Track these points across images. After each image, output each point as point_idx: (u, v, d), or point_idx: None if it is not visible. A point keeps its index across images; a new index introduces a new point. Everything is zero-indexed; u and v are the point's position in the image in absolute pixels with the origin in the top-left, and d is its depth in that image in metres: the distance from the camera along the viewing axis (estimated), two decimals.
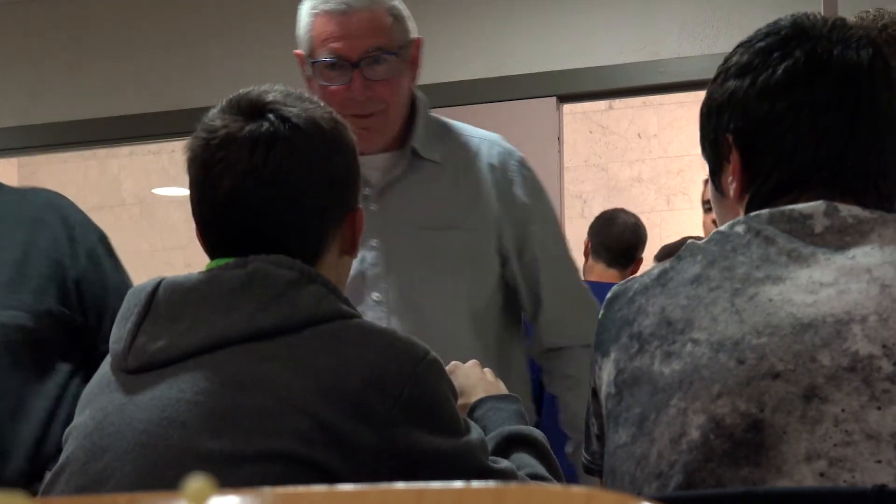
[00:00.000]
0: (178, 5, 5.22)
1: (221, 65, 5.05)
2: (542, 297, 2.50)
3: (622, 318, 1.49)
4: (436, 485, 0.74)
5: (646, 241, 4.68)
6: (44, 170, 7.29)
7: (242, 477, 1.43)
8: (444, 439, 1.53)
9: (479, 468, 1.56)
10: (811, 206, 1.46)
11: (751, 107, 1.53)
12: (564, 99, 4.93)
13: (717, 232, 1.49)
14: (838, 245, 1.43)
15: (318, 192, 1.61)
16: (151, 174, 7.27)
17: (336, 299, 1.57)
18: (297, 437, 1.46)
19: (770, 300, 1.39)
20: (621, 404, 1.45)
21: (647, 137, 6.74)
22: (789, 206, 1.47)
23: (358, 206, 1.68)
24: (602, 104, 6.68)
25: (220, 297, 1.54)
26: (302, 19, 2.45)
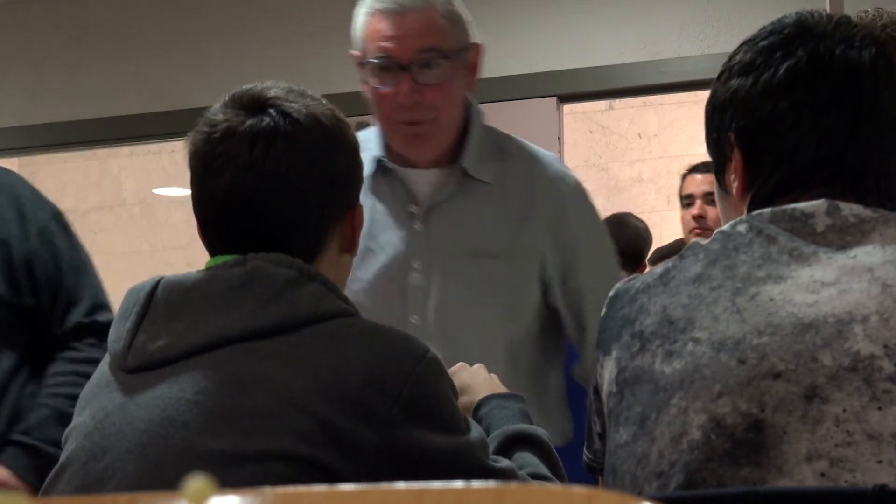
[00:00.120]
0: (178, 5, 5.22)
1: (221, 65, 5.05)
2: (587, 325, 2.45)
3: (624, 316, 1.49)
4: (436, 485, 0.74)
5: (651, 245, 4.70)
6: (44, 170, 7.29)
7: (243, 477, 1.43)
8: (444, 438, 1.53)
9: (479, 467, 1.55)
10: (813, 205, 1.46)
11: (753, 106, 1.53)
12: (564, 99, 4.93)
13: (719, 231, 1.49)
14: (840, 244, 1.43)
15: (318, 188, 1.61)
16: (151, 174, 7.27)
17: (335, 298, 1.57)
18: (298, 436, 1.46)
19: (771, 300, 1.39)
20: (622, 403, 1.45)
21: (647, 137, 6.74)
22: (791, 205, 1.47)
23: (358, 204, 1.68)
24: (602, 104, 6.68)
25: (220, 295, 1.54)
26: (357, 19, 2.36)
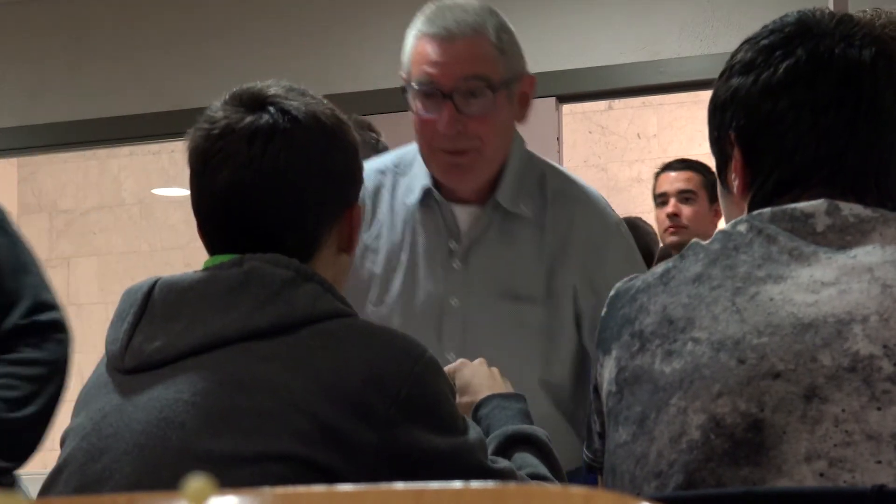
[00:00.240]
0: (178, 5, 5.22)
1: (221, 65, 5.05)
2: None
3: (624, 316, 1.49)
4: (435, 485, 0.74)
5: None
6: (44, 170, 7.29)
7: (242, 477, 1.42)
8: (442, 438, 1.53)
9: (478, 467, 1.55)
10: (813, 205, 1.46)
11: (753, 105, 1.52)
12: (564, 99, 4.93)
13: (719, 231, 1.49)
14: (840, 244, 1.43)
15: (316, 186, 1.61)
16: (151, 174, 7.27)
17: (332, 298, 1.57)
18: (298, 437, 1.46)
19: (771, 299, 1.39)
20: (622, 402, 1.45)
21: (646, 137, 6.74)
22: (791, 205, 1.47)
23: (356, 203, 1.68)
24: (602, 104, 6.68)
25: (217, 296, 1.54)
26: (406, 41, 2.30)
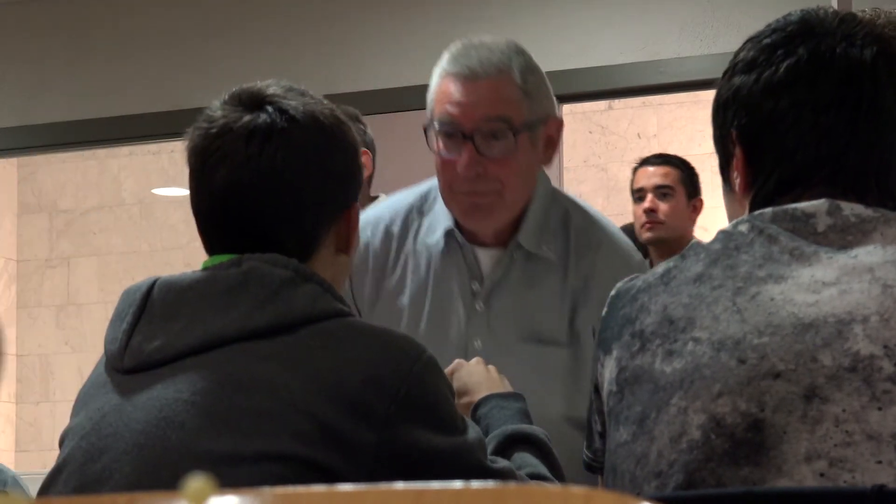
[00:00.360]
0: (178, 5, 5.21)
1: (221, 65, 5.05)
2: None
3: (624, 315, 1.49)
4: (435, 485, 0.74)
5: None
6: (44, 170, 7.28)
7: (242, 477, 1.42)
8: (442, 438, 1.53)
9: (477, 467, 1.55)
10: (814, 205, 1.46)
11: (754, 104, 1.53)
12: (564, 99, 4.92)
13: (721, 231, 1.49)
14: (841, 244, 1.43)
15: (313, 185, 1.61)
16: (151, 174, 7.26)
17: (331, 298, 1.57)
18: (298, 437, 1.46)
19: (772, 299, 1.39)
20: (622, 402, 1.45)
21: (646, 137, 6.73)
22: (792, 205, 1.47)
23: (355, 204, 1.68)
24: (602, 104, 6.67)
25: (216, 296, 1.54)
26: (431, 79, 2.26)
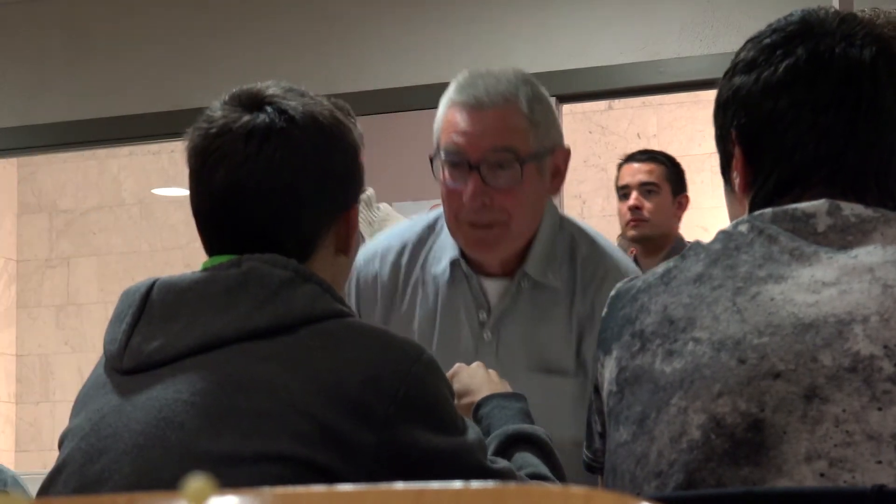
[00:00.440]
0: (178, 5, 5.21)
1: (221, 65, 5.05)
2: None
3: (625, 316, 1.49)
4: (435, 485, 0.74)
5: None
6: (44, 170, 7.28)
7: (241, 478, 1.42)
8: (442, 438, 1.53)
9: (477, 467, 1.56)
10: (814, 205, 1.46)
11: (753, 104, 1.53)
12: (564, 99, 4.92)
13: (721, 231, 1.49)
14: (841, 244, 1.43)
15: (312, 185, 1.61)
16: (151, 174, 7.26)
17: (331, 298, 1.57)
18: (297, 438, 1.46)
19: (772, 299, 1.39)
20: (622, 402, 1.45)
21: (646, 138, 6.73)
22: (792, 206, 1.47)
23: (354, 205, 1.68)
24: (601, 104, 6.67)
25: (216, 296, 1.54)
26: (438, 109, 2.26)
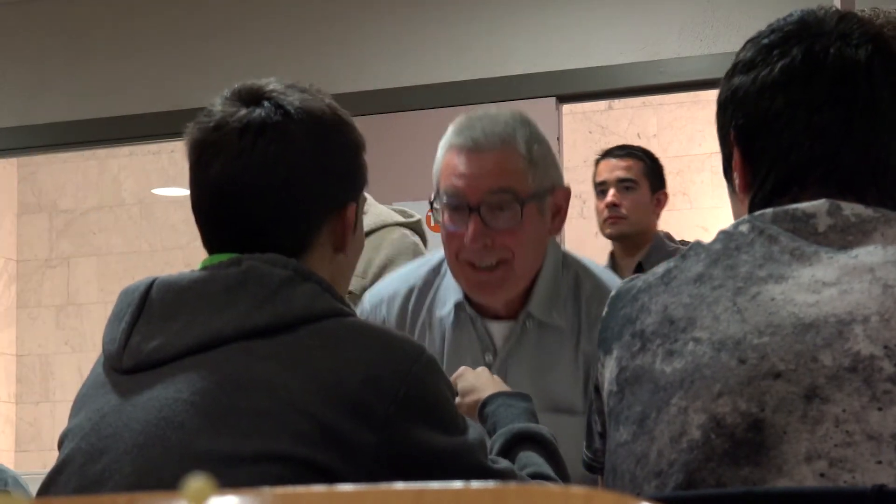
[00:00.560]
0: (178, 5, 5.21)
1: (221, 65, 5.05)
2: None
3: (625, 315, 1.49)
4: (435, 485, 0.74)
5: None
6: (44, 170, 7.28)
7: (241, 478, 1.42)
8: (442, 438, 1.53)
9: (477, 467, 1.55)
10: (814, 206, 1.46)
11: (750, 104, 1.53)
12: (564, 99, 4.92)
13: (721, 231, 1.49)
14: (841, 244, 1.43)
15: (306, 180, 1.61)
16: (151, 174, 7.26)
17: (330, 298, 1.57)
18: (298, 438, 1.46)
19: (772, 299, 1.39)
20: (622, 402, 1.45)
21: (646, 137, 6.72)
22: (793, 206, 1.47)
23: (352, 203, 1.67)
24: (601, 104, 6.66)
25: (215, 295, 1.54)
26: (437, 153, 2.25)
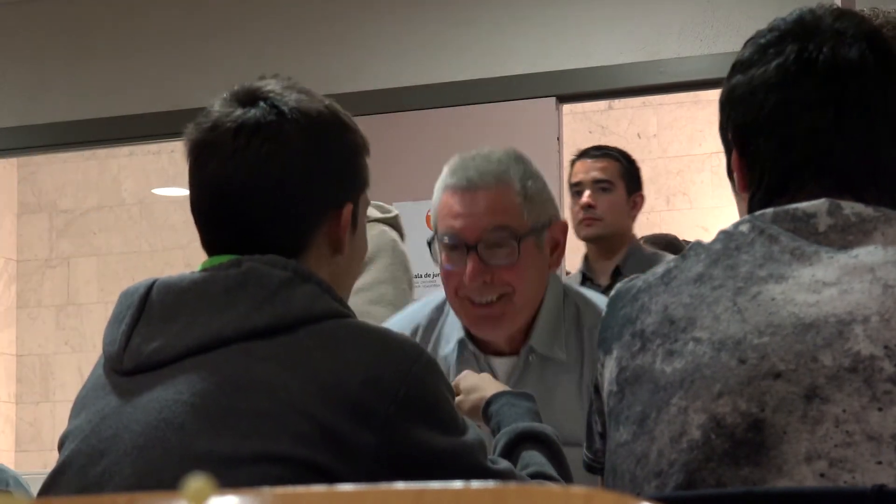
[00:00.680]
0: (178, 5, 5.21)
1: (221, 65, 5.05)
2: None
3: (625, 315, 1.49)
4: (435, 485, 0.74)
5: None
6: (44, 170, 7.28)
7: (241, 478, 1.42)
8: (442, 438, 1.53)
9: (477, 468, 1.56)
10: (814, 205, 1.46)
11: (746, 103, 1.53)
12: (564, 99, 4.92)
13: (721, 231, 1.49)
14: (841, 244, 1.43)
15: (300, 181, 1.61)
16: (151, 174, 7.26)
17: (330, 299, 1.57)
18: (297, 438, 1.46)
19: (773, 299, 1.39)
20: (623, 402, 1.45)
21: (646, 137, 6.73)
22: (793, 205, 1.47)
23: (349, 204, 1.67)
24: (601, 104, 6.66)
25: (215, 296, 1.54)
26: (434, 196, 2.27)
